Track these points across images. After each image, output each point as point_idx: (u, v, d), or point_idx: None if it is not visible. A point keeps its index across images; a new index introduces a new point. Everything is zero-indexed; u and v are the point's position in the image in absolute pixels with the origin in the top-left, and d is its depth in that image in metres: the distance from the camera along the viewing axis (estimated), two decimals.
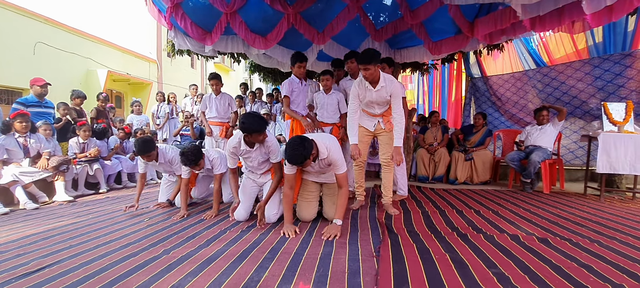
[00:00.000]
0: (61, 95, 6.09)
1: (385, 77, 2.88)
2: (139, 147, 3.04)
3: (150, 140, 3.10)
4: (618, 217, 3.03)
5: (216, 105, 4.49)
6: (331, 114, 3.79)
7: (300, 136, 2.39)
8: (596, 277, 1.72)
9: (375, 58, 2.73)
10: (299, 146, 2.28)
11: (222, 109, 4.52)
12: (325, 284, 1.65)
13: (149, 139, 3.13)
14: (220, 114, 4.51)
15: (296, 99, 3.73)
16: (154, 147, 3.11)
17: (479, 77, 6.73)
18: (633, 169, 3.61)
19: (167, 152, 3.29)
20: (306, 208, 2.82)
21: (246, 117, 2.57)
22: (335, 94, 3.77)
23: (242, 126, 2.57)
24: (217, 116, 4.51)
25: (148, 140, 3.08)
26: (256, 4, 3.88)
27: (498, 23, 3.70)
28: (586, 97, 5.04)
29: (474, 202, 3.65)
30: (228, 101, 4.60)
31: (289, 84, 3.69)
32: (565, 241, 2.31)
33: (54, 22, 8.75)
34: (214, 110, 4.49)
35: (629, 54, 4.49)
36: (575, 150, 5.32)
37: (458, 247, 2.17)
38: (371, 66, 2.73)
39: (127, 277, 1.74)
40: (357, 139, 3.01)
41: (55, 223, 2.93)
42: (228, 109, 4.59)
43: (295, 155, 2.28)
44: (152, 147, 3.08)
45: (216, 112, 4.49)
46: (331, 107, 3.77)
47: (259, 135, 2.60)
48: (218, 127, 4.53)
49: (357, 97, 3.00)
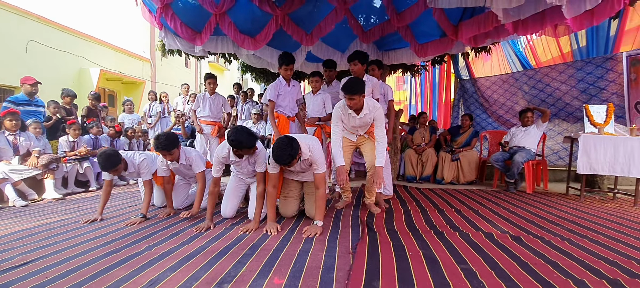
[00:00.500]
0: (54, 94, 6.10)
1: (368, 104, 2.83)
2: (102, 163, 2.78)
3: (114, 155, 2.82)
4: (594, 216, 3.13)
5: (210, 104, 4.54)
6: (316, 115, 3.86)
7: (287, 136, 2.44)
8: (560, 273, 1.80)
9: (360, 88, 2.68)
10: (287, 146, 2.34)
11: (215, 109, 4.58)
12: (299, 279, 1.72)
13: (112, 153, 2.82)
14: (213, 114, 4.57)
15: (282, 102, 3.76)
16: (119, 161, 2.85)
17: (467, 78, 6.83)
18: (612, 170, 3.71)
19: (134, 159, 3.05)
20: (288, 206, 2.91)
21: (236, 134, 2.49)
22: (321, 95, 3.83)
23: (232, 143, 2.52)
24: (209, 115, 4.56)
25: (112, 155, 2.80)
26: (245, 5, 3.93)
27: (481, 26, 3.79)
28: (570, 99, 5.15)
29: (457, 202, 3.73)
30: (222, 102, 4.67)
31: (276, 87, 3.71)
32: (538, 239, 2.39)
33: (46, 21, 8.74)
34: (208, 109, 4.53)
35: (610, 57, 4.60)
36: (559, 151, 5.43)
37: (433, 244, 2.25)
38: (356, 96, 2.68)
39: (108, 271, 1.80)
40: (343, 160, 2.89)
41: (43, 220, 2.97)
42: (221, 109, 4.66)
43: (284, 155, 2.34)
44: (118, 161, 2.82)
45: (209, 111, 4.54)
46: (317, 107, 3.83)
47: (249, 150, 2.58)
48: (210, 126, 4.58)
49: (340, 121, 2.94)
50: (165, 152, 2.85)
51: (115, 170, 2.85)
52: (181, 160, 3.01)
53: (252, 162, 2.77)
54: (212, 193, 2.74)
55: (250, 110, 6.67)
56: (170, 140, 2.83)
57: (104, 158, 2.76)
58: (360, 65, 3.34)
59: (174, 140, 2.87)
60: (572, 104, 5.14)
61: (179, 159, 2.98)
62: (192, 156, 3.05)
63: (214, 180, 2.75)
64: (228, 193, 3.01)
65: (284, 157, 2.35)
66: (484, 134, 5.61)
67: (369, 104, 2.84)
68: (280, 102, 3.76)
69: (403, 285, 1.65)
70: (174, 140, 2.86)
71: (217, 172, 2.75)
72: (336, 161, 2.87)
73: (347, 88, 2.70)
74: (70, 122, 4.69)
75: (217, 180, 2.76)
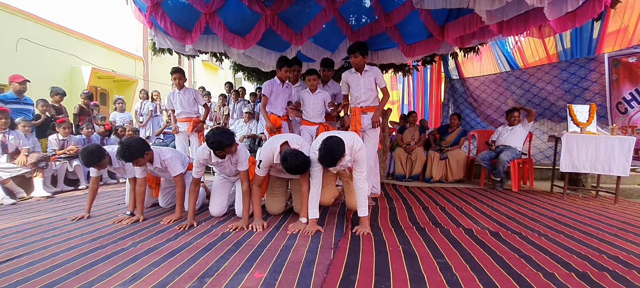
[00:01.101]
0: (45, 93, 6.07)
1: (349, 148, 2.47)
2: (85, 159, 2.69)
3: (97, 151, 2.71)
4: (574, 213, 3.22)
5: (180, 100, 4.29)
6: (318, 114, 3.79)
7: (293, 150, 2.49)
8: (532, 267, 1.87)
9: (341, 152, 2.35)
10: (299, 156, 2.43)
11: (187, 104, 4.31)
12: (280, 273, 1.77)
13: (95, 149, 2.72)
14: (186, 110, 4.32)
15: (274, 100, 3.82)
16: (103, 156, 2.75)
17: (457, 79, 6.92)
18: (593, 168, 3.80)
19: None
20: (274, 203, 2.96)
21: (214, 135, 2.51)
22: (321, 94, 3.77)
23: (213, 145, 2.53)
24: (183, 112, 4.32)
25: (94, 151, 2.70)
26: (235, 4, 3.97)
27: (467, 27, 3.86)
28: (555, 99, 5.25)
29: (443, 200, 3.80)
30: (193, 95, 4.38)
31: (270, 85, 3.79)
32: (515, 235, 2.47)
33: (37, 19, 8.67)
34: (179, 105, 4.30)
35: (592, 58, 4.71)
36: (545, 150, 5.53)
37: (413, 240, 2.31)
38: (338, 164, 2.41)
39: (92, 266, 1.83)
40: (317, 213, 2.59)
41: (31, 217, 2.98)
42: (194, 103, 4.38)
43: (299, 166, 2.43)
44: (101, 156, 2.72)
45: (181, 107, 4.30)
46: (317, 106, 3.77)
47: (230, 147, 2.59)
48: (185, 123, 4.34)
49: (320, 171, 2.59)
50: (135, 161, 2.67)
51: (100, 165, 2.79)
52: (155, 163, 2.83)
53: (233, 162, 2.77)
54: (193, 192, 2.74)
55: (242, 109, 6.70)
56: (132, 150, 2.58)
57: (87, 154, 2.68)
58: (361, 57, 3.34)
59: (137, 149, 2.61)
60: (557, 103, 5.24)
61: (153, 162, 2.82)
62: (167, 158, 2.85)
63: (194, 181, 2.75)
64: (214, 192, 3.04)
65: (298, 168, 2.43)
66: (472, 133, 5.70)
67: (349, 149, 2.47)
68: (272, 100, 3.82)
69: (380, 278, 1.70)
70: (135, 150, 2.60)
71: (197, 173, 2.74)
72: (311, 213, 2.56)
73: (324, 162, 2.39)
74: (60, 121, 4.68)
75: (197, 181, 2.76)
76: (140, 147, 2.63)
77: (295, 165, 2.40)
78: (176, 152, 3.08)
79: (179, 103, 4.30)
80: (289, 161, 2.39)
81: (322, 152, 2.32)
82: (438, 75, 7.74)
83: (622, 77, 3.99)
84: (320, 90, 3.83)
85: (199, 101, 4.43)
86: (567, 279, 1.71)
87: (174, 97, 4.32)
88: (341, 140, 2.35)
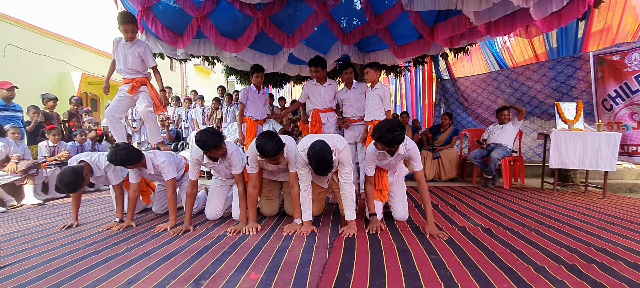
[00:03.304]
0: (34, 99, 6.00)
1: (333, 147, 2.45)
2: (65, 188, 2.51)
3: (74, 176, 2.49)
4: (564, 208, 3.28)
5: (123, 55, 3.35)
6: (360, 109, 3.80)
7: (270, 132, 2.45)
8: (523, 261, 1.91)
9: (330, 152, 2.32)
10: (274, 139, 2.35)
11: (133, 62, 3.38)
12: (276, 273, 1.78)
13: (71, 175, 2.48)
14: (129, 67, 3.38)
15: (250, 106, 4.14)
16: (82, 179, 2.57)
17: (447, 79, 7.02)
18: (581, 164, 3.89)
19: (100, 162, 2.80)
20: (268, 205, 2.98)
21: (200, 134, 2.49)
22: (359, 88, 3.80)
23: (198, 143, 2.50)
24: (123, 69, 3.40)
25: (72, 177, 2.48)
26: (226, 8, 3.98)
27: (456, 28, 3.93)
28: (544, 97, 5.35)
29: (436, 198, 3.85)
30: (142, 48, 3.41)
31: (245, 92, 4.15)
32: (507, 230, 2.51)
33: (25, 25, 8.57)
34: (122, 62, 3.38)
35: (578, 57, 4.82)
36: (535, 148, 5.63)
37: (407, 238, 2.34)
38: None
39: (86, 272, 1.82)
40: (311, 215, 2.59)
41: (22, 225, 2.95)
42: (140, 62, 3.42)
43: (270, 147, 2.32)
44: (80, 180, 2.54)
45: (123, 64, 3.37)
46: (357, 102, 3.80)
47: (217, 150, 2.55)
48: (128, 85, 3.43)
49: (307, 166, 2.52)
50: (129, 166, 2.64)
51: (81, 188, 2.67)
52: (149, 169, 2.77)
53: (227, 165, 2.77)
54: (190, 195, 2.72)
55: (235, 113, 6.69)
56: (129, 157, 2.55)
57: (65, 184, 2.46)
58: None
59: (133, 157, 2.59)
60: (545, 101, 5.35)
61: (146, 166, 2.76)
62: (160, 162, 2.77)
63: (191, 183, 2.72)
64: (211, 196, 3.03)
65: (270, 149, 2.32)
66: (463, 132, 5.77)
67: (334, 146, 2.49)
68: (248, 106, 4.12)
69: (375, 276, 1.73)
70: (131, 158, 2.58)
71: (193, 174, 2.72)
72: (304, 215, 2.57)
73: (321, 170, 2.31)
74: (50, 127, 4.63)
75: (194, 183, 2.73)
76: (134, 157, 2.61)
77: (267, 147, 2.31)
78: (172, 155, 3.05)
79: (122, 59, 3.39)
80: (261, 145, 2.32)
81: (315, 162, 2.25)
82: (429, 75, 7.84)
83: (607, 75, 4.09)
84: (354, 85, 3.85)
85: (148, 61, 3.46)
86: (557, 272, 1.75)
87: (119, 47, 3.40)
88: (324, 141, 2.34)
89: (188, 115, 7.36)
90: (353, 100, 3.80)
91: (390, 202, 2.87)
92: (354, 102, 3.80)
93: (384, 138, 2.30)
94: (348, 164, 2.55)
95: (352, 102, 3.80)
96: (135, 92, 3.45)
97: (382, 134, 2.29)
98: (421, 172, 2.56)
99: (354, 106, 3.79)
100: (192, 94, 7.99)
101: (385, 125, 2.30)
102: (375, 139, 2.38)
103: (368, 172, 2.63)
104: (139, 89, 3.46)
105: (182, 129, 7.36)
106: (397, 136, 2.27)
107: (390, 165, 2.65)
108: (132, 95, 3.46)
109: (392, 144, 2.33)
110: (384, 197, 2.76)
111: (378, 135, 2.33)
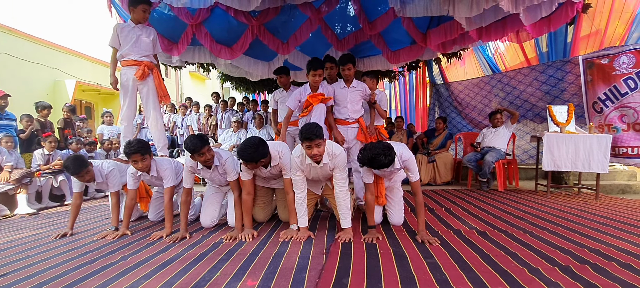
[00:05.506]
0: (27, 107, 5.95)
1: (328, 152, 2.51)
2: (72, 167, 2.66)
3: (80, 156, 2.72)
4: (557, 210, 3.32)
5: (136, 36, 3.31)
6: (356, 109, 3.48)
7: (257, 138, 2.47)
8: (517, 263, 1.93)
9: (319, 134, 2.37)
10: (258, 146, 2.39)
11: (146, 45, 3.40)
12: (272, 280, 1.78)
13: (78, 155, 2.77)
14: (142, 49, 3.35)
15: None
16: (87, 164, 2.74)
17: (441, 83, 7.09)
18: (574, 166, 3.94)
19: (102, 168, 2.89)
20: (261, 211, 3.00)
21: (187, 139, 2.56)
22: (359, 87, 3.45)
23: (185, 147, 2.57)
24: (134, 51, 3.32)
25: (78, 156, 2.73)
26: (221, 16, 4.00)
27: (448, 34, 3.99)
28: (536, 101, 5.43)
29: (432, 202, 3.87)
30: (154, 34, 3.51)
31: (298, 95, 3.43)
32: (502, 233, 2.54)
33: (18, 33, 8.53)
34: (132, 44, 3.30)
35: (568, 61, 4.91)
36: (529, 150, 5.69)
37: (403, 242, 2.36)
38: (318, 140, 2.39)
39: (81, 282, 1.81)
40: (306, 221, 2.61)
41: (15, 235, 2.91)
42: (152, 46, 3.46)
43: (251, 154, 2.36)
44: (85, 164, 2.72)
45: (135, 45, 3.31)
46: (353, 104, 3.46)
47: (200, 156, 2.55)
48: (134, 67, 3.34)
49: (302, 172, 2.60)
50: (139, 157, 2.65)
51: (87, 172, 2.75)
52: (152, 171, 2.81)
53: (221, 172, 2.77)
54: (185, 202, 2.73)
55: (231, 119, 6.69)
56: (143, 144, 2.69)
57: (72, 160, 2.67)
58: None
59: (147, 146, 2.73)
60: (538, 105, 5.42)
61: (149, 170, 2.79)
62: (163, 167, 2.82)
63: (185, 191, 2.73)
64: (205, 203, 3.02)
65: (251, 155, 2.36)
66: (458, 136, 5.83)
67: (329, 151, 2.51)
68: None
69: (371, 280, 1.74)
70: (146, 146, 2.71)
71: (188, 182, 2.73)
72: (300, 221, 2.57)
73: (306, 134, 2.34)
74: (46, 135, 4.60)
75: (188, 191, 2.74)
76: (148, 147, 2.72)
77: (246, 153, 2.34)
78: (175, 162, 3.08)
79: (131, 41, 3.30)
80: (241, 150, 2.36)
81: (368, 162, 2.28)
82: (423, 80, 7.92)
83: (596, 78, 4.17)
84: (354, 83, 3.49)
85: (156, 46, 3.54)
86: (551, 273, 1.77)
87: (127, 31, 3.31)
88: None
89: (183, 122, 7.35)
90: (349, 100, 3.42)
91: (386, 206, 2.88)
92: (349, 102, 3.42)
93: (369, 166, 2.32)
94: (343, 170, 2.56)
95: (347, 102, 3.43)
96: (144, 78, 3.39)
97: (366, 163, 2.31)
98: (417, 182, 2.55)
99: (348, 107, 3.42)
100: (187, 100, 7.98)
101: (368, 154, 2.27)
102: (361, 165, 2.39)
103: (366, 179, 2.60)
104: (147, 76, 3.43)
105: (177, 135, 7.34)
106: (383, 162, 2.24)
107: (385, 174, 2.65)
108: (141, 81, 3.40)
109: (380, 168, 2.30)
110: (381, 202, 2.77)
111: (362, 163, 2.35)
